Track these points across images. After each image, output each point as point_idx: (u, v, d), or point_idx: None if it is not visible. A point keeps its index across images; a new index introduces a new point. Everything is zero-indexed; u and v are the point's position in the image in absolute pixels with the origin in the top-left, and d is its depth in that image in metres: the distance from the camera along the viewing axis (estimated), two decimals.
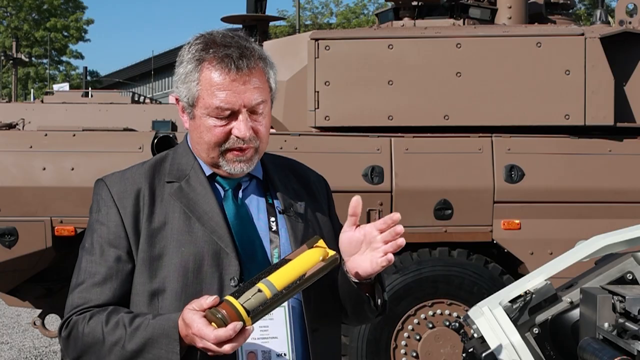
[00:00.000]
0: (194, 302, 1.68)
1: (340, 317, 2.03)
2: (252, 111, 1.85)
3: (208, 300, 1.66)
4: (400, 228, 1.78)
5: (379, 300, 1.92)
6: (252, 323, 1.65)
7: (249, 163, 1.88)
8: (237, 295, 1.66)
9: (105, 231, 1.87)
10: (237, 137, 1.84)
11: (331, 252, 1.77)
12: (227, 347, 1.63)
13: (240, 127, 1.83)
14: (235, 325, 1.62)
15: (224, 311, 1.63)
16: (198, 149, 1.92)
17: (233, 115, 1.84)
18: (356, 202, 1.81)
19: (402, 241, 1.78)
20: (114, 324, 1.77)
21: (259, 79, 1.85)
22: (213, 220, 1.86)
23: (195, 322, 1.65)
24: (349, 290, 1.89)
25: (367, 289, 1.90)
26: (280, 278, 1.69)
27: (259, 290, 1.66)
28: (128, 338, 1.75)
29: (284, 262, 1.74)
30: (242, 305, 1.64)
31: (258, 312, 1.66)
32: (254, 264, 1.86)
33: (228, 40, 1.85)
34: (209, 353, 1.67)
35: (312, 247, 1.77)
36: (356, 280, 1.86)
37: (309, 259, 1.75)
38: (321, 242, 1.78)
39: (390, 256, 1.78)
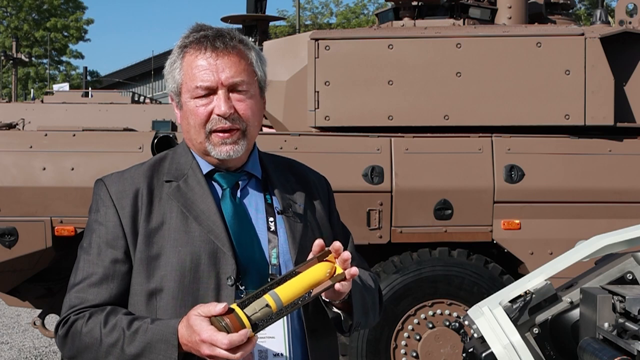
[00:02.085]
0: (200, 308, 1.67)
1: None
2: (232, 90, 1.86)
3: (217, 307, 1.64)
4: (346, 255, 1.76)
5: (353, 322, 1.91)
6: (255, 334, 1.65)
7: (236, 146, 1.87)
8: (243, 305, 1.65)
9: (104, 231, 1.88)
10: (217, 115, 1.85)
11: (339, 270, 1.77)
12: (238, 355, 1.62)
13: (219, 105, 1.85)
14: (247, 332, 1.62)
15: (228, 320, 1.62)
16: (188, 137, 1.93)
17: (213, 94, 1.86)
18: (318, 246, 1.78)
19: (354, 271, 1.76)
20: (112, 325, 1.77)
21: (238, 59, 1.87)
22: (210, 219, 1.86)
23: (204, 329, 1.63)
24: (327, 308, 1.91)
25: (345, 306, 1.89)
26: (287, 292, 1.69)
27: (267, 305, 1.66)
28: (127, 341, 1.75)
29: (293, 274, 1.73)
30: (247, 317, 1.63)
31: (262, 325, 1.66)
32: (252, 263, 1.86)
33: (209, 26, 1.91)
34: None
35: (322, 261, 1.77)
36: (328, 300, 1.86)
37: (318, 274, 1.74)
38: (331, 257, 1.78)
39: (338, 285, 1.76)
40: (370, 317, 2.02)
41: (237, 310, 1.64)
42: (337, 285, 1.76)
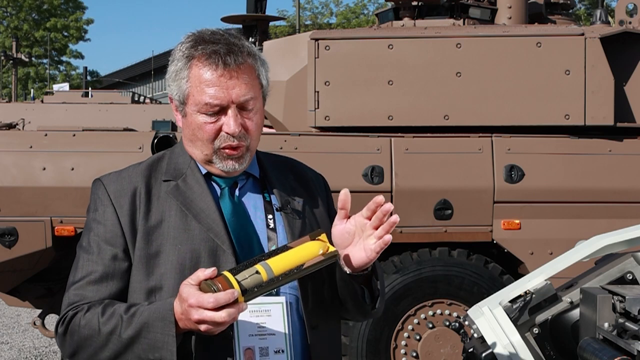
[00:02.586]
0: (190, 277, 1.68)
1: (339, 314, 2.03)
2: (241, 107, 1.86)
3: (206, 272, 1.65)
4: (388, 206, 1.77)
5: (375, 292, 1.92)
6: (245, 301, 1.66)
7: (241, 161, 1.89)
8: (234, 272, 1.67)
9: (102, 230, 1.88)
10: (227, 133, 1.85)
11: (332, 248, 1.79)
12: (223, 313, 1.62)
13: (229, 123, 1.84)
14: (234, 291, 1.62)
15: (219, 284, 1.64)
16: (190, 146, 1.93)
17: (223, 111, 1.85)
18: (345, 195, 1.82)
19: (395, 218, 1.77)
20: (110, 314, 1.78)
21: (247, 75, 1.86)
22: (209, 217, 1.87)
23: (192, 294, 1.64)
24: (346, 284, 1.89)
25: (364, 281, 1.90)
26: (278, 264, 1.71)
27: (257, 272, 1.68)
28: (124, 326, 1.75)
29: (284, 248, 1.76)
30: (238, 282, 1.65)
31: (252, 292, 1.67)
32: None
33: (217, 37, 1.87)
34: (203, 327, 1.66)
35: (314, 239, 1.79)
36: (350, 272, 1.86)
37: (310, 250, 1.76)
38: (323, 237, 1.80)
39: (387, 237, 1.77)
40: (383, 302, 2.02)
41: (228, 275, 1.66)
42: (381, 241, 1.76)
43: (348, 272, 1.86)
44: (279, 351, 1.82)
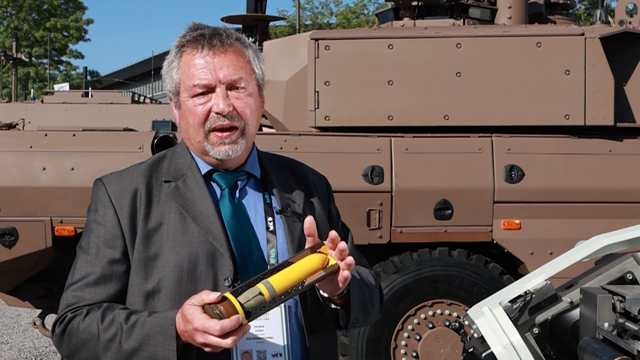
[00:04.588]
0: (194, 298, 1.68)
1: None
2: (231, 88, 1.86)
3: (211, 296, 1.65)
4: (342, 245, 1.75)
5: (350, 318, 1.88)
6: (248, 323, 1.66)
7: (234, 145, 1.87)
8: (237, 294, 1.66)
9: (102, 231, 1.88)
10: (216, 113, 1.85)
11: (332, 261, 1.77)
12: (229, 340, 1.62)
13: (218, 102, 1.84)
14: (239, 317, 1.62)
15: (222, 307, 1.63)
16: (187, 137, 1.93)
17: (212, 92, 1.86)
18: (309, 223, 1.79)
19: (350, 260, 1.75)
20: (110, 320, 1.77)
21: (235, 57, 1.87)
22: (208, 220, 1.86)
23: (197, 317, 1.64)
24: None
25: (343, 302, 1.88)
26: (280, 281, 1.70)
27: (260, 293, 1.66)
28: (125, 336, 1.74)
29: (286, 264, 1.74)
30: (241, 304, 1.64)
31: (255, 313, 1.66)
32: (250, 264, 1.86)
33: (205, 25, 1.91)
34: (207, 349, 1.66)
35: (314, 252, 1.77)
36: (326, 295, 1.85)
37: (310, 265, 1.74)
38: (324, 249, 1.78)
39: (345, 273, 1.75)
40: (371, 314, 2.01)
41: (230, 297, 1.65)
42: (340, 277, 1.75)
43: (324, 295, 1.85)
44: (277, 355, 1.81)
